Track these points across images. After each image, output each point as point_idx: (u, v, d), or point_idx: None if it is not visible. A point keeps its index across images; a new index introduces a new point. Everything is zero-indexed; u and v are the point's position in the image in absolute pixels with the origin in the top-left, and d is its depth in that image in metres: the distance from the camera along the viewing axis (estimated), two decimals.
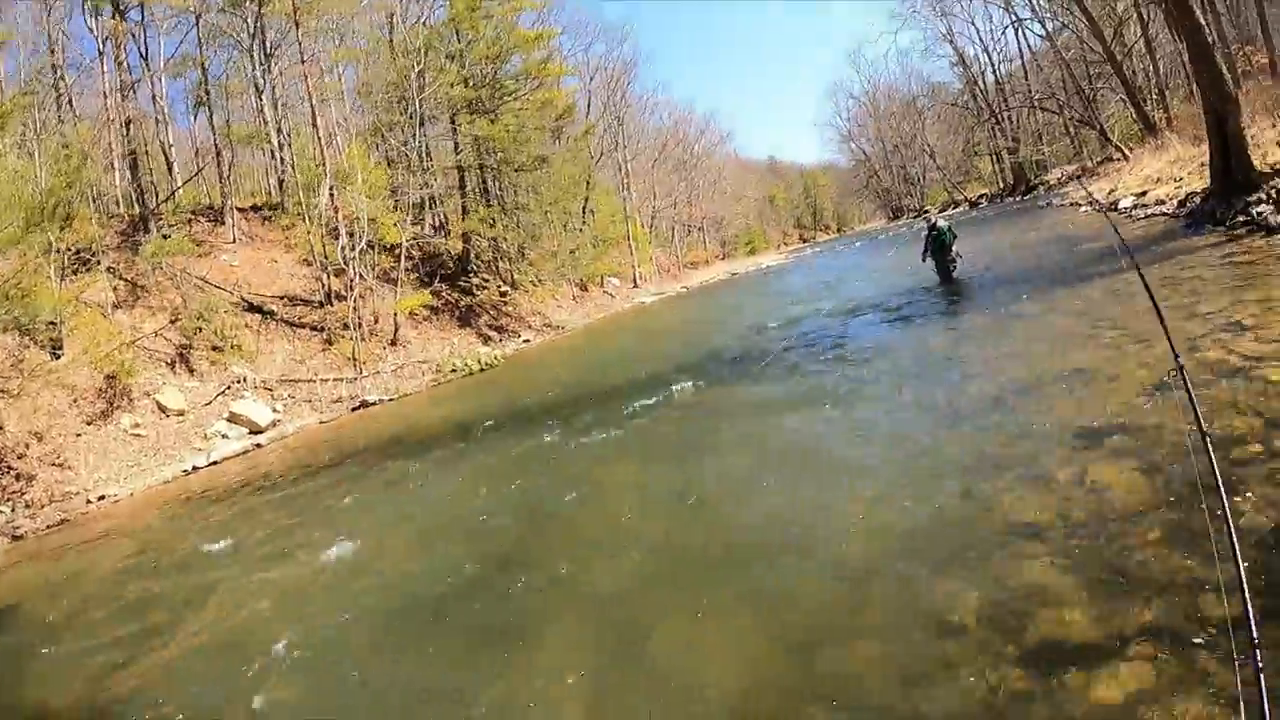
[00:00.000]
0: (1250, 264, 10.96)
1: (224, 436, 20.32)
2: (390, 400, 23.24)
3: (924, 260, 17.47)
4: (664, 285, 58.22)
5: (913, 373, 10.63)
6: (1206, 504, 4.07)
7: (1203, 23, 16.25)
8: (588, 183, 51.91)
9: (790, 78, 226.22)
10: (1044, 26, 56.69)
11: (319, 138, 29.69)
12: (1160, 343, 7.39)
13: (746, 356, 14.98)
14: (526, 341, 33.89)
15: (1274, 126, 18.26)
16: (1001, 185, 74.84)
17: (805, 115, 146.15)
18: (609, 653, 5.44)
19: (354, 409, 22.69)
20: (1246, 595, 2.73)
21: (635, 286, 54.90)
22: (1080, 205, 30.87)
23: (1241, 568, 2.87)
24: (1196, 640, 3.78)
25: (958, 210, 71.13)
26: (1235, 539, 2.98)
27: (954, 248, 17.03)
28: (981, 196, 75.50)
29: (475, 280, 38.24)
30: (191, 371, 23.13)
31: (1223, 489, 3.29)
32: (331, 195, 28.32)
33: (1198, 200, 17.11)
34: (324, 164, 28.78)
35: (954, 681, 4.08)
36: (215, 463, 18.59)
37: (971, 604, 4.62)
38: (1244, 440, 5.52)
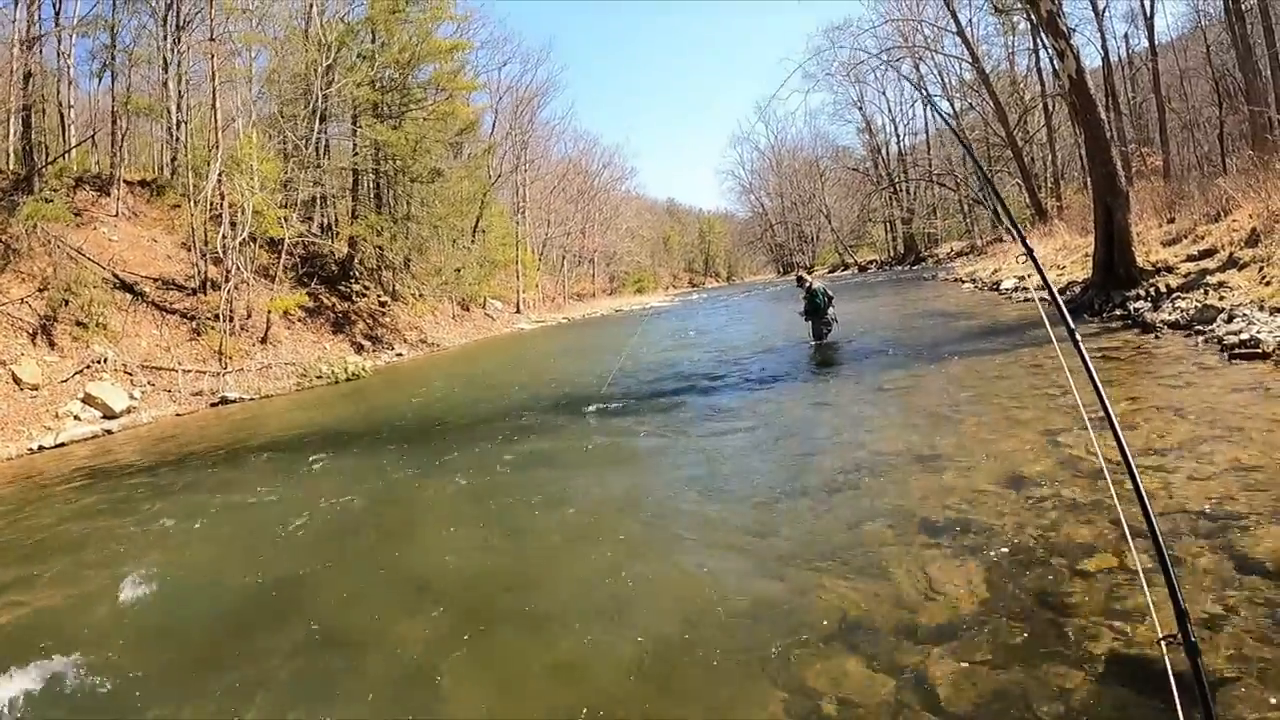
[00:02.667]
0: (1120, 359, 11.02)
1: (76, 418, 19.38)
2: (251, 400, 22.73)
3: (805, 320, 17.08)
4: (546, 314, 57.96)
5: (764, 439, 10.03)
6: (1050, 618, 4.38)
7: (1103, 117, 16.78)
8: (482, 202, 51.60)
9: (699, 124, 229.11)
10: (951, 106, 59.34)
11: (215, 119, 28.62)
12: (1021, 431, 7.92)
13: (592, 401, 14.23)
14: (399, 355, 33.48)
15: (1160, 226, 18.96)
16: (892, 253, 77.01)
17: (710, 160, 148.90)
18: None
19: (213, 404, 22.18)
20: None
21: (518, 312, 54.55)
22: (964, 282, 31.85)
23: None
24: None
25: (847, 273, 73.14)
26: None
27: (830, 310, 16.84)
28: (872, 262, 77.57)
29: (357, 287, 37.50)
30: (52, 345, 21.82)
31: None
32: (219, 180, 27.56)
33: (1078, 289, 17.48)
34: (217, 147, 27.74)
35: None
36: (62, 444, 17.77)
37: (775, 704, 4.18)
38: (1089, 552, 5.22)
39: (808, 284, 17.10)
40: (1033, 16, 22.69)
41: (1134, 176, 25.12)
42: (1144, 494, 2.60)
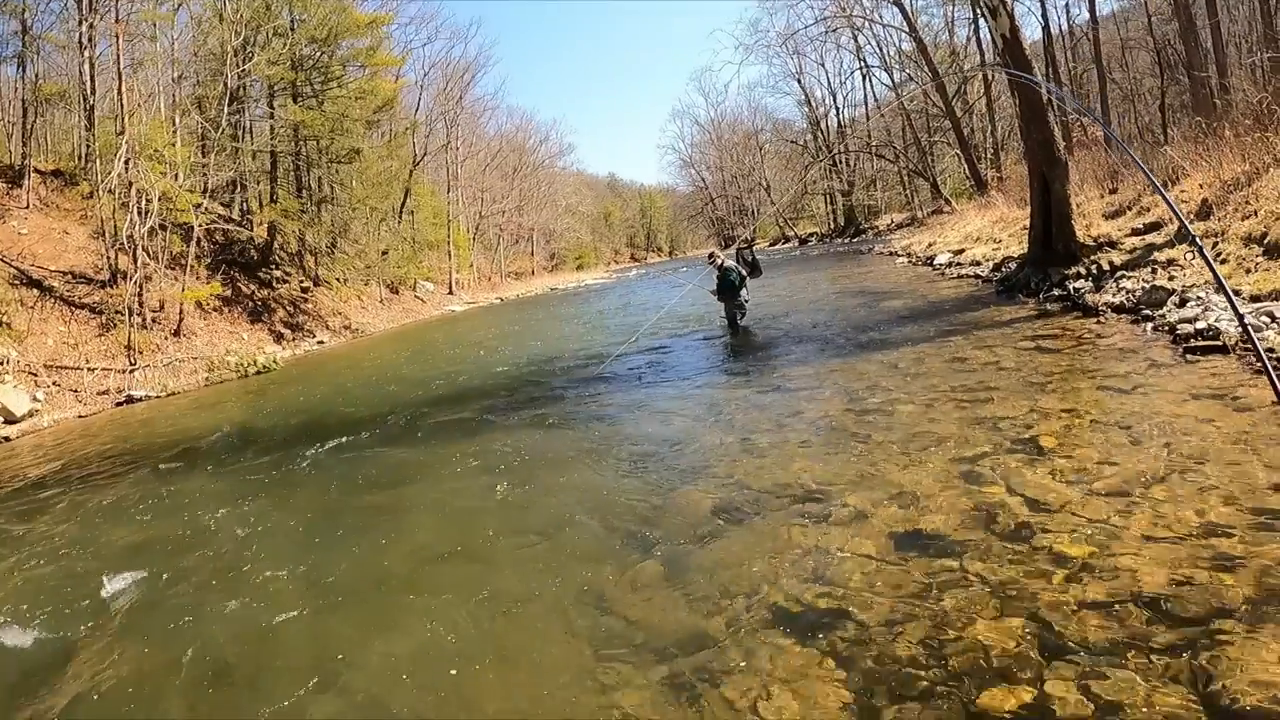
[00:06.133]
0: (1058, 352, 9.54)
1: None
2: (157, 398, 21.22)
3: (718, 299, 16.03)
4: (479, 295, 55.95)
5: (620, 467, 8.31)
6: None
7: (1039, 82, 15.38)
8: (408, 181, 50.06)
9: (639, 97, 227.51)
10: (891, 77, 58.59)
11: (121, 103, 27.12)
12: (930, 457, 6.37)
13: (492, 393, 13.65)
14: (321, 343, 32.08)
15: (1102, 197, 17.76)
16: (832, 226, 76.93)
17: (650, 135, 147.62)
18: None
19: (118, 404, 20.66)
20: None
21: (450, 293, 52.72)
22: (899, 256, 30.82)
23: None
24: None
25: (787, 245, 72.95)
26: None
27: (743, 292, 15.71)
28: (812, 234, 77.63)
29: (277, 273, 35.77)
30: None
31: None
32: (126, 166, 25.98)
33: (1014, 266, 16.51)
34: (123, 132, 26.32)
35: None
36: None
37: None
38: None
39: (719, 261, 15.76)
40: None
41: (1074, 146, 24.02)
42: None
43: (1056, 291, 13.29)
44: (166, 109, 30.82)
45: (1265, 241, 10.32)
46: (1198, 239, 3.81)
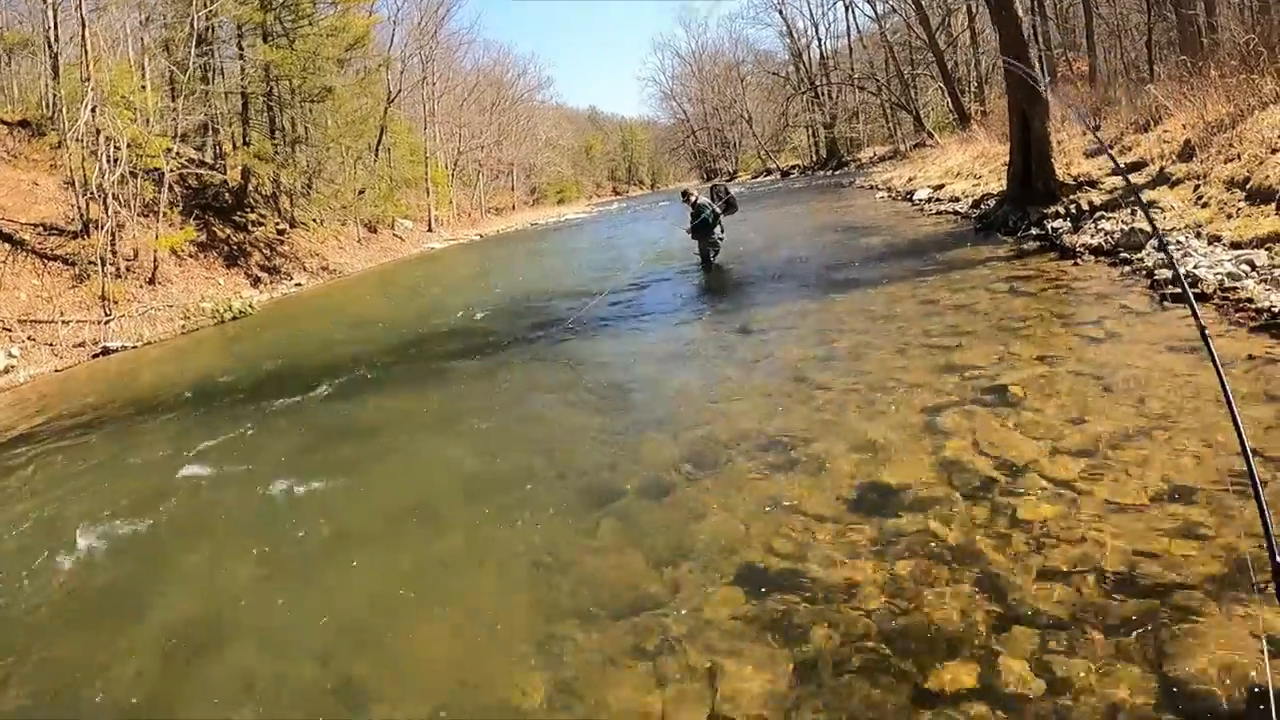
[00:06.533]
0: (1032, 296, 9.28)
1: None
2: (134, 348, 20.83)
3: (692, 238, 15.75)
4: (459, 231, 55.12)
5: (590, 415, 8.13)
6: None
7: (1020, 15, 15.13)
8: (383, 118, 49.12)
9: (619, 29, 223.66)
10: (873, 8, 57.66)
11: (86, 49, 26.37)
12: (896, 406, 6.05)
13: (461, 337, 13.58)
14: (299, 285, 31.49)
15: (1084, 135, 17.36)
16: (814, 158, 75.71)
17: (631, 67, 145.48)
18: None
19: (94, 356, 20.20)
20: None
21: (430, 231, 52.00)
22: (879, 190, 30.36)
23: None
24: None
25: (769, 179, 71.80)
26: None
27: (716, 229, 15.37)
28: (794, 167, 76.50)
29: (252, 216, 34.91)
30: None
31: None
32: (93, 113, 25.35)
33: (992, 203, 16.13)
34: (89, 78, 25.66)
35: None
36: None
37: None
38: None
39: (693, 199, 15.42)
40: None
41: (1059, 81, 23.61)
42: None
43: (1034, 231, 12.98)
44: (135, 54, 29.97)
45: (1248, 186, 10.06)
46: (1141, 195, 3.56)
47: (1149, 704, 2.95)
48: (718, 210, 15.28)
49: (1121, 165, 12.45)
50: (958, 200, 19.46)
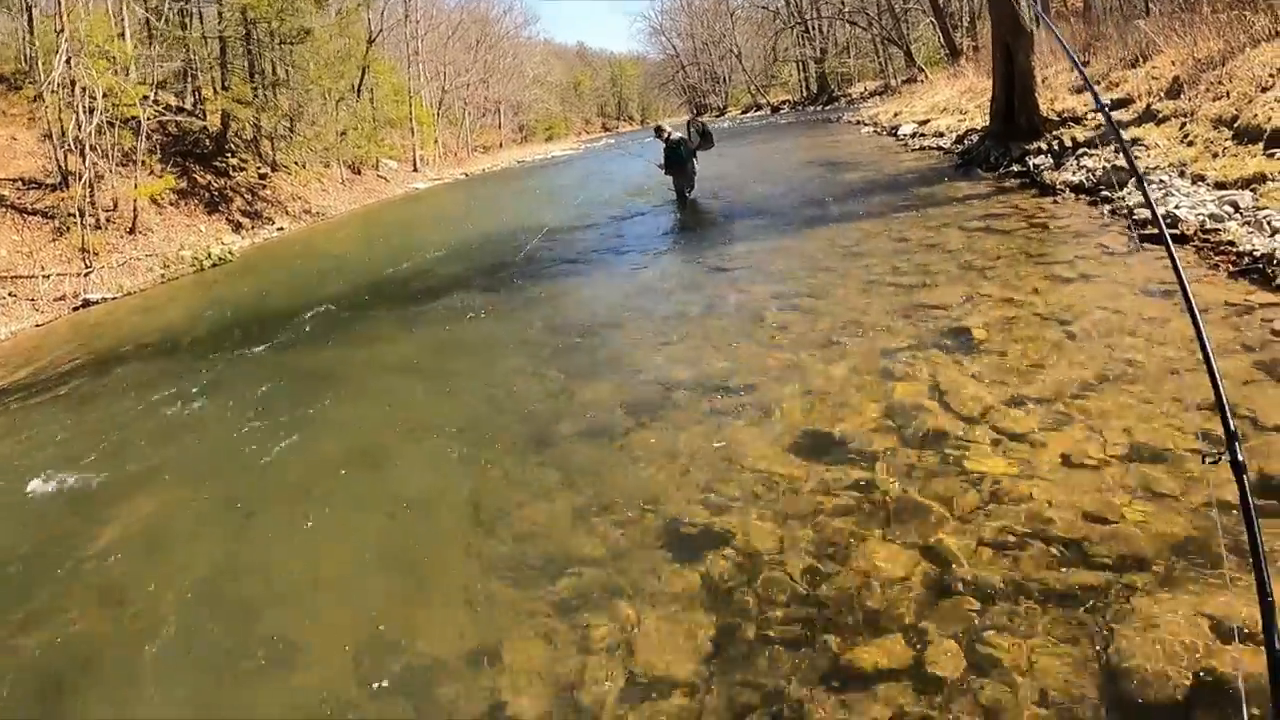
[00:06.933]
0: (1007, 234, 8.95)
1: None
2: (114, 299, 20.59)
3: (666, 173, 15.45)
4: (445, 171, 54.34)
5: (557, 340, 8.31)
6: None
7: None
8: (364, 59, 48.19)
9: None
10: None
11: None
12: (853, 348, 5.93)
13: (433, 277, 13.59)
14: (281, 229, 31.22)
15: (1070, 70, 16.58)
16: (804, 94, 74.94)
17: (618, 2, 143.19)
18: None
19: (75, 309, 19.93)
20: None
21: (415, 170, 51.31)
22: (865, 126, 29.97)
23: None
24: None
25: (759, 114, 71.00)
26: None
27: (692, 163, 15.06)
28: (784, 102, 75.63)
29: (233, 161, 34.30)
30: None
31: None
32: (69, 64, 24.75)
33: (974, 139, 15.72)
34: (63, 29, 25.05)
35: None
36: None
37: None
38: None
39: (666, 135, 15.02)
40: None
41: (1052, 17, 22.95)
42: None
43: (1015, 167, 12.60)
44: (111, 3, 29.24)
45: (1235, 125, 9.63)
46: (1116, 125, 3.15)
47: (1088, 692, 2.64)
48: (692, 146, 14.92)
49: (1106, 101, 12.06)
50: (942, 136, 19.08)
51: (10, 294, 19.89)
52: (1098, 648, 2.78)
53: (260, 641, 4.02)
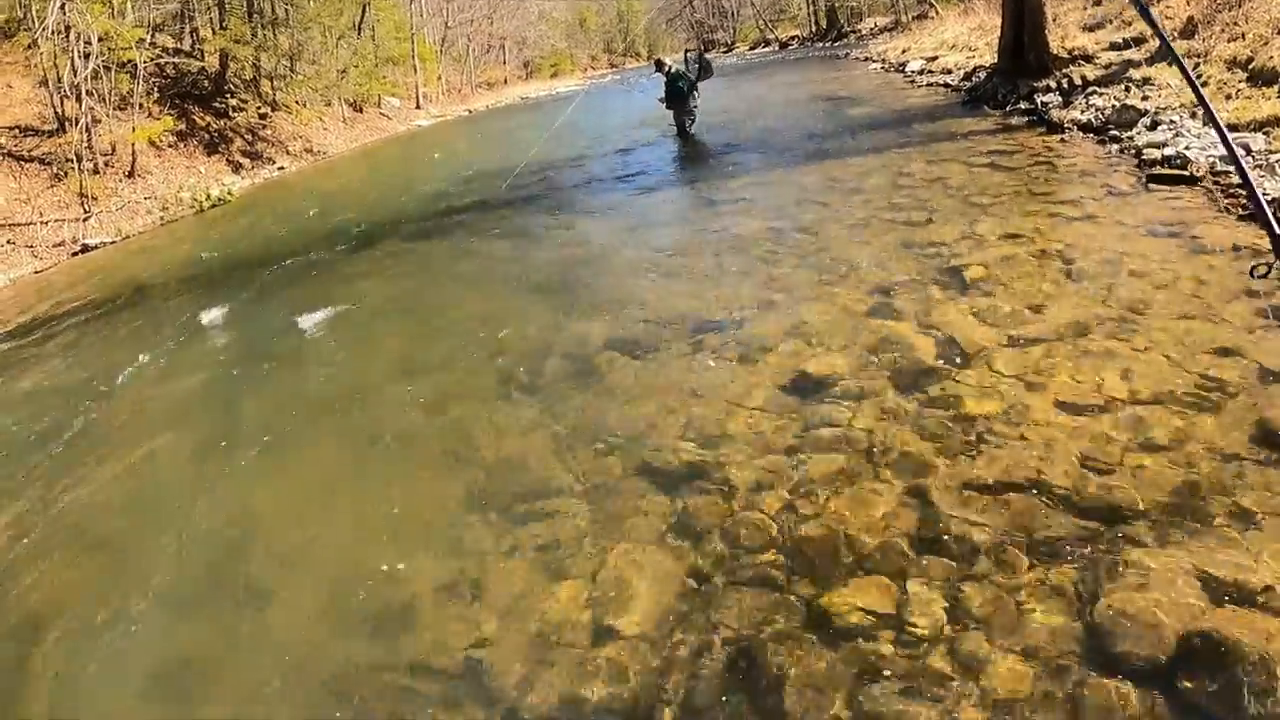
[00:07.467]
0: (1011, 170, 8.75)
1: None
2: (113, 243, 20.52)
3: (666, 108, 15.32)
4: (448, 108, 53.48)
5: (546, 275, 8.24)
6: None
7: None
8: None
9: None
10: None
11: None
12: (844, 284, 5.82)
13: (427, 214, 13.33)
14: (282, 169, 30.86)
15: (1084, 8, 16.43)
16: (814, 29, 73.93)
17: None
18: None
19: (74, 254, 19.83)
20: None
21: (417, 108, 50.44)
22: (873, 62, 29.68)
23: None
24: None
25: (768, 49, 70.06)
26: None
27: (693, 97, 14.94)
28: (793, 38, 74.55)
29: (233, 101, 33.82)
30: None
31: None
32: (63, 9, 24.32)
33: (982, 76, 15.34)
34: None
35: None
36: None
37: None
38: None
39: (667, 68, 14.92)
40: None
41: None
42: None
43: (1023, 105, 12.32)
44: None
45: (1250, 67, 9.37)
46: (1182, 59, 2.92)
47: (1071, 648, 2.50)
48: (693, 79, 14.78)
49: (1121, 40, 11.78)
50: (949, 73, 18.77)
51: (9, 241, 19.84)
52: (1089, 602, 2.65)
53: (239, 577, 3.99)
